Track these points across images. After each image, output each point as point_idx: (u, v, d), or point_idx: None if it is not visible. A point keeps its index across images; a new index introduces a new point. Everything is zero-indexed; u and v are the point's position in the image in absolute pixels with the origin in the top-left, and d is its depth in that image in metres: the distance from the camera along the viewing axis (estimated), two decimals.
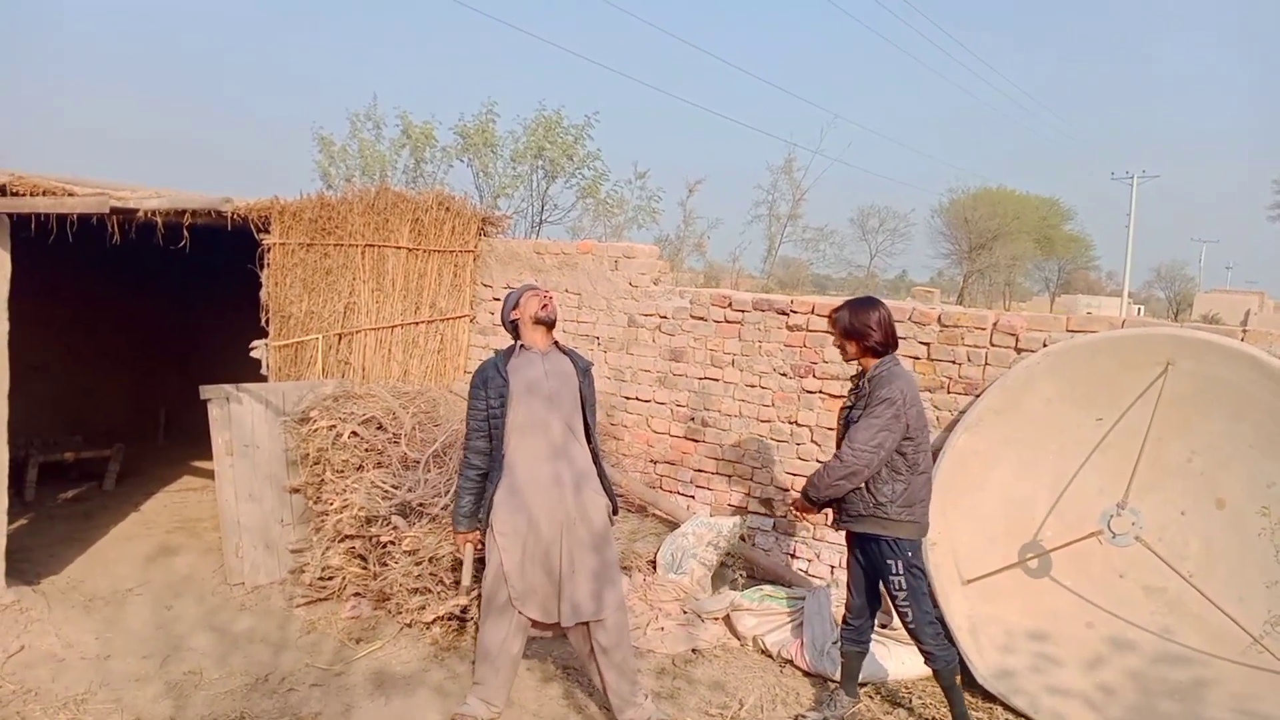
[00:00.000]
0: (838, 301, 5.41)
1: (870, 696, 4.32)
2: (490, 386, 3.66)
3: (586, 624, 3.65)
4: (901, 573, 3.74)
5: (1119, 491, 4.32)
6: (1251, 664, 3.99)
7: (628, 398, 6.39)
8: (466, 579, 3.95)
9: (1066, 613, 4.49)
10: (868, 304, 3.89)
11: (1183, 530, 4.33)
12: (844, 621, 4.06)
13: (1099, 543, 4.38)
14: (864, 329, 3.79)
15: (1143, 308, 45.44)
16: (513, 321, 3.80)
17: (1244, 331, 4.33)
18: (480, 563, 3.86)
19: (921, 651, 3.82)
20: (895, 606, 3.82)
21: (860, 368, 3.90)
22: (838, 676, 4.28)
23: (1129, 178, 40.87)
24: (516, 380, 3.65)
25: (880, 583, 3.87)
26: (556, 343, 3.82)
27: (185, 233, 5.71)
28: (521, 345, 3.76)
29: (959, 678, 3.89)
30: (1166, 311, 49.29)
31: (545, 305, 3.74)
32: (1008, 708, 4.25)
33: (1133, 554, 4.36)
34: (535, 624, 3.71)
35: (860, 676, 4.30)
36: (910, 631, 3.82)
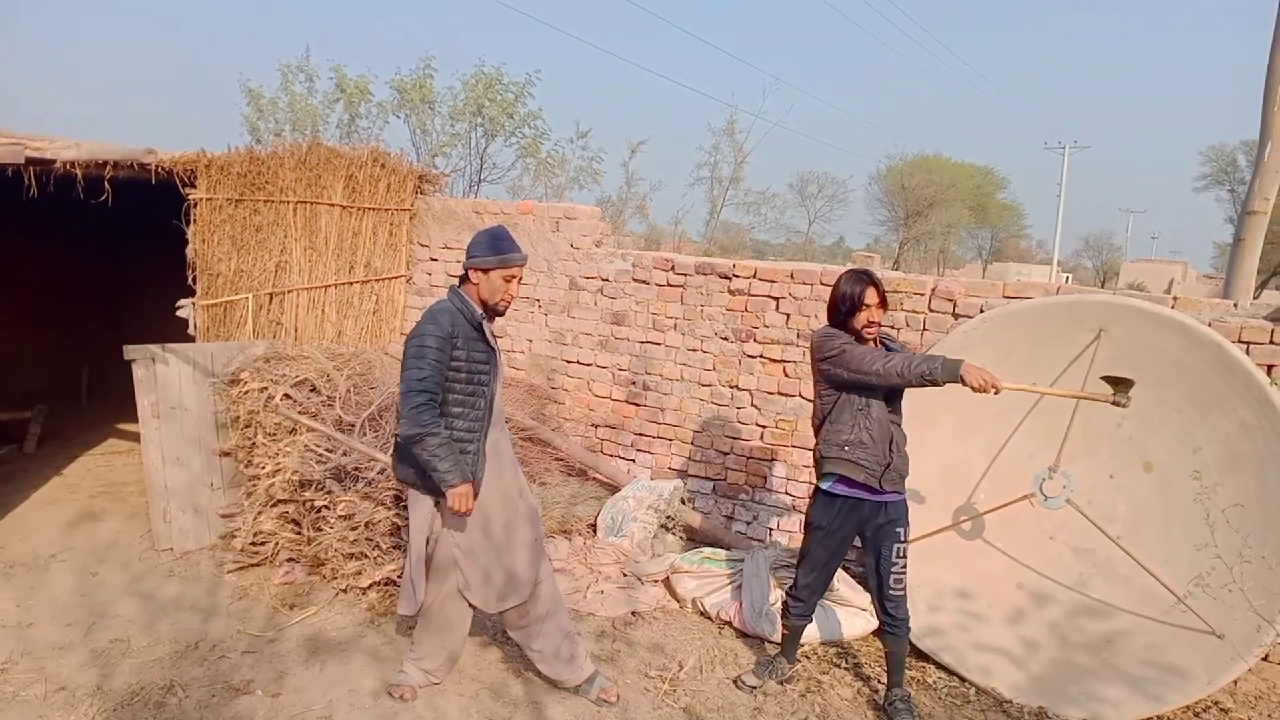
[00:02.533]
0: (782, 267, 5.42)
1: (807, 657, 4.38)
2: (465, 347, 3.36)
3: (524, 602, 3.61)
4: (907, 539, 3.79)
5: (1051, 456, 4.41)
6: (1174, 623, 4.12)
7: (568, 361, 6.33)
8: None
9: (998, 573, 4.60)
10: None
11: (1111, 493, 4.45)
12: (793, 597, 4.00)
13: (1031, 505, 4.47)
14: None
15: (1070, 276, 46.46)
16: (480, 269, 3.41)
17: (1174, 299, 4.44)
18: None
19: (893, 620, 3.82)
20: (893, 572, 3.76)
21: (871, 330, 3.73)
22: (776, 638, 4.32)
23: (1061, 148, 41.73)
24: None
25: (882, 550, 3.77)
26: None
27: (107, 186, 5.49)
28: (483, 317, 3.44)
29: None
30: (1093, 280, 50.49)
31: (506, 299, 3.46)
32: (939, 665, 4.34)
33: (1063, 516, 4.47)
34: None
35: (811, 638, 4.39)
36: (895, 599, 3.79)
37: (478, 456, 3.43)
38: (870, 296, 3.65)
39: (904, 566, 3.79)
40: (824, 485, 3.82)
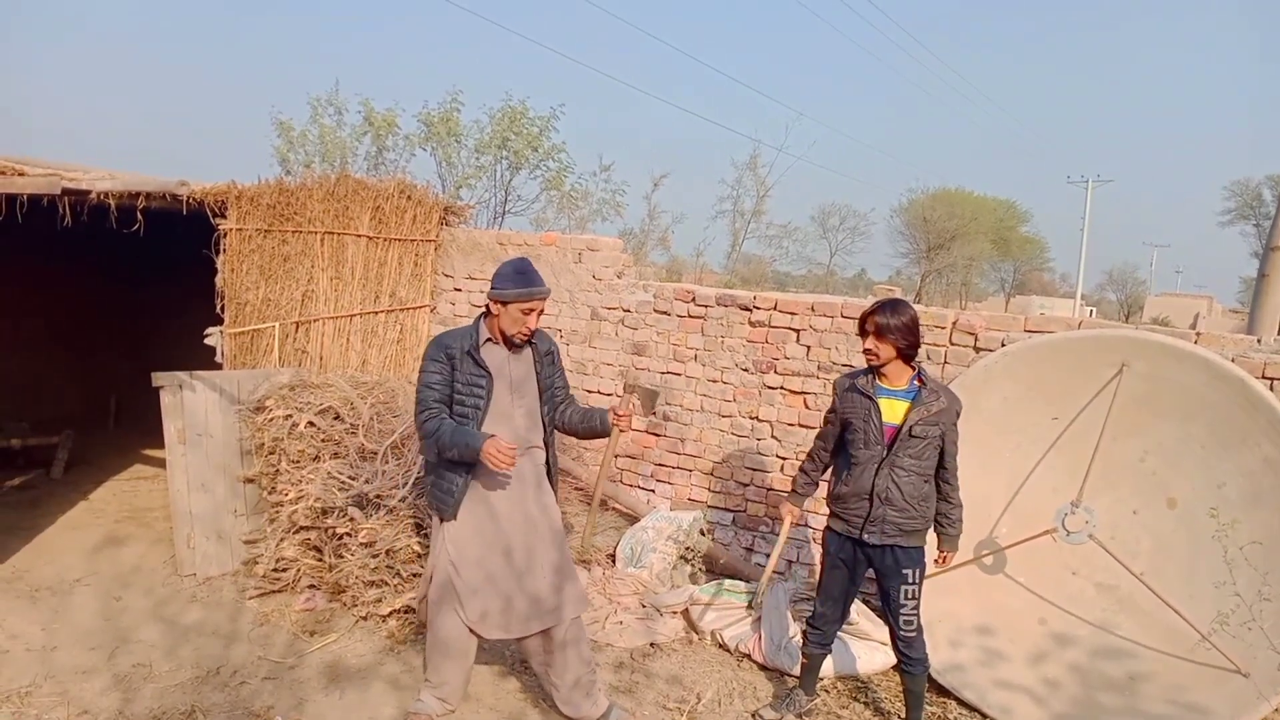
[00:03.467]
0: (803, 299, 5.44)
1: (826, 691, 4.35)
2: (461, 370, 3.43)
3: (547, 629, 3.58)
4: (918, 581, 3.74)
5: (1073, 490, 4.39)
6: (1197, 661, 4.07)
7: (589, 391, 6.36)
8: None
9: (1019, 609, 4.56)
10: (903, 305, 3.71)
11: (1135, 529, 4.41)
12: (811, 625, 4.00)
13: (1053, 540, 4.44)
14: (910, 330, 3.64)
15: (1094, 309, 46.27)
16: (499, 301, 3.44)
17: (1197, 335, 4.42)
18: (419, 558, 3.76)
19: (908, 659, 3.80)
20: (901, 614, 3.74)
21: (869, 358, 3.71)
22: (795, 671, 4.30)
23: (1084, 181, 41.64)
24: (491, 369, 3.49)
25: (889, 591, 3.76)
26: None
27: (139, 216, 5.60)
28: (489, 339, 3.51)
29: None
30: (1117, 314, 50.23)
31: (524, 333, 3.47)
32: (960, 701, 4.30)
33: (1086, 552, 4.43)
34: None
35: (828, 672, 4.36)
36: (908, 639, 3.77)
37: (470, 473, 3.47)
38: (864, 328, 3.70)
39: (914, 608, 3.75)
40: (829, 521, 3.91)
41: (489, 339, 3.52)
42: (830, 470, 3.95)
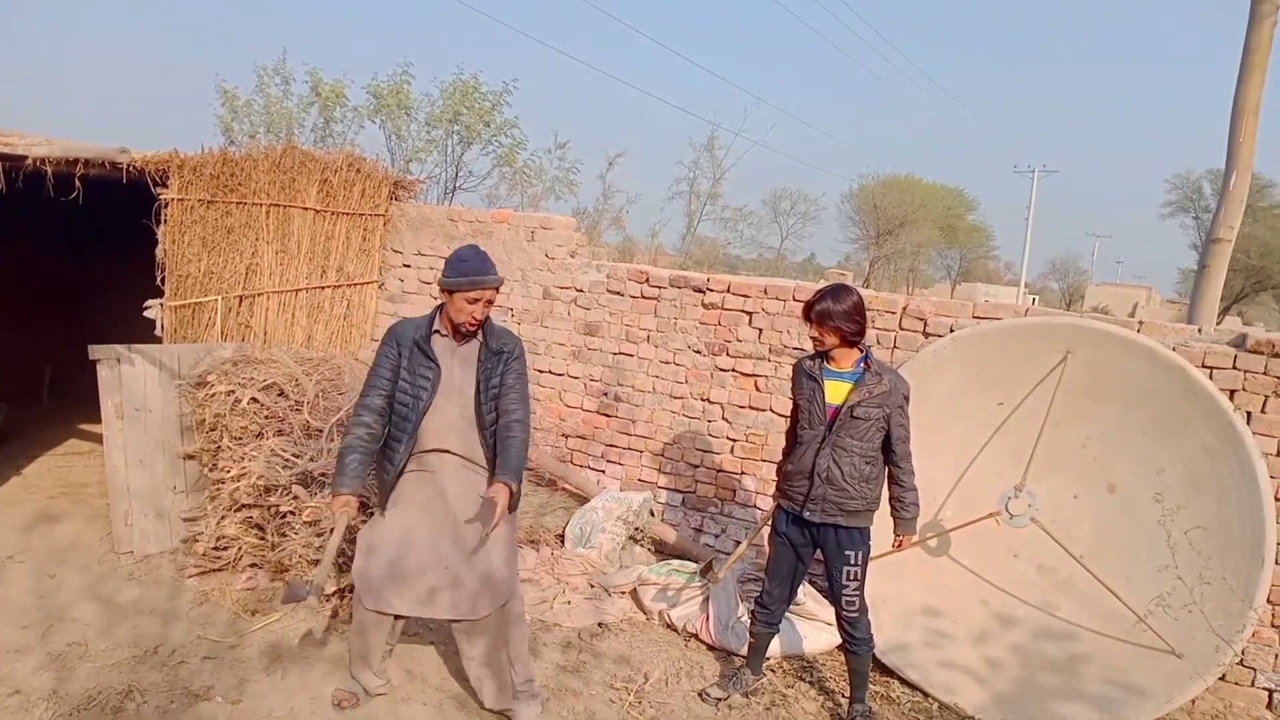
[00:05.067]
0: (756, 282, 5.45)
1: (772, 670, 4.39)
2: (410, 360, 3.39)
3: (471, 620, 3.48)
4: (860, 563, 3.79)
5: (1017, 474, 4.46)
6: (1134, 642, 4.17)
7: (541, 371, 6.32)
8: (328, 562, 3.29)
9: (963, 590, 4.64)
10: (845, 291, 3.74)
11: (1076, 513, 4.50)
12: (760, 605, 4.04)
13: (996, 523, 4.51)
14: (853, 315, 3.68)
15: (1037, 298, 47.08)
16: (445, 290, 3.37)
17: (1140, 324, 4.51)
18: (352, 543, 3.66)
19: (852, 639, 3.86)
20: (843, 595, 3.80)
21: (824, 352, 3.76)
22: (743, 651, 4.33)
23: (1030, 171, 42.32)
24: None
25: (832, 572, 3.83)
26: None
27: (77, 184, 5.42)
28: (438, 330, 3.45)
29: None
30: (1059, 302, 51.13)
31: (470, 323, 3.38)
32: (903, 681, 4.37)
33: (1028, 535, 4.52)
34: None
35: (775, 652, 4.41)
36: (851, 620, 3.83)
37: (399, 462, 3.44)
38: (808, 315, 3.75)
39: (856, 589, 3.81)
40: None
41: (438, 330, 3.46)
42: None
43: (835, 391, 3.73)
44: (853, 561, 3.79)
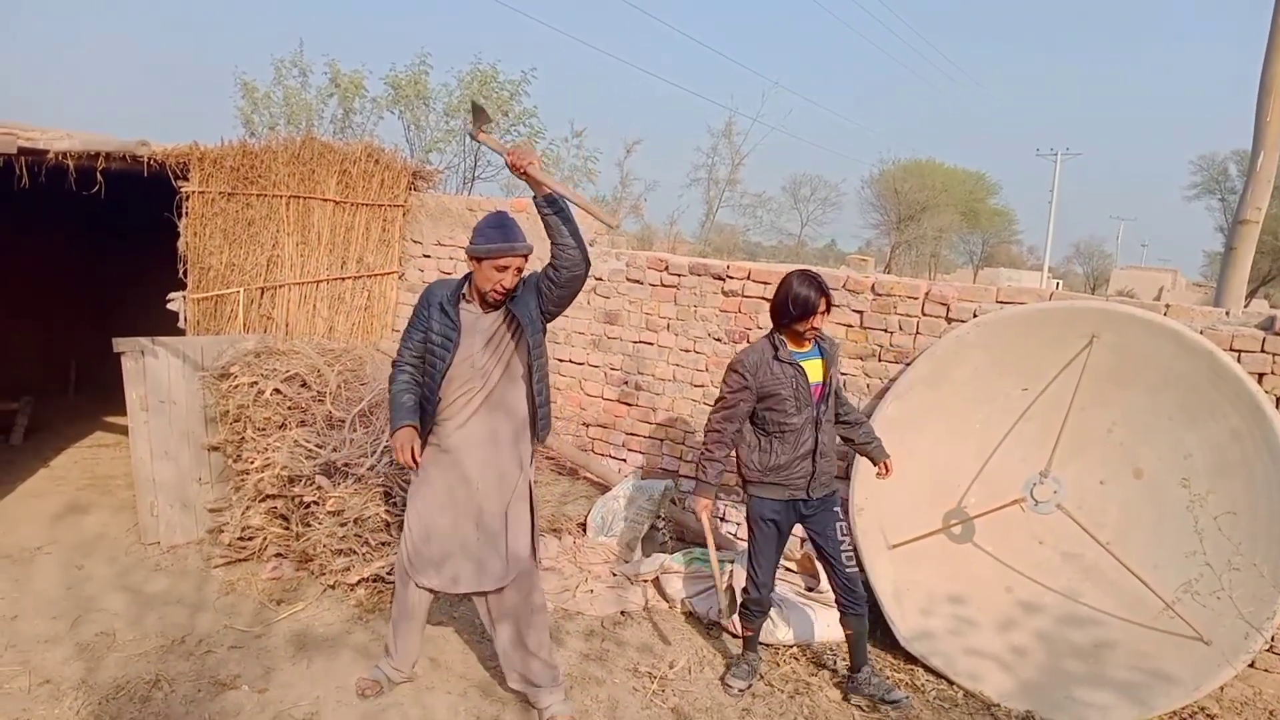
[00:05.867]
0: (776, 268, 5.42)
1: (796, 659, 4.38)
2: (436, 321, 3.37)
3: (500, 589, 3.46)
4: (850, 532, 3.90)
5: (1042, 460, 4.42)
6: (1161, 629, 4.14)
7: (561, 360, 6.32)
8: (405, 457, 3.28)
9: (987, 578, 4.60)
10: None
11: (1102, 499, 4.46)
12: (753, 601, 4.03)
13: (1021, 510, 4.48)
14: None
15: (1061, 282, 46.73)
16: (473, 258, 3.33)
17: (1166, 307, 4.45)
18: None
19: (851, 599, 3.87)
20: (842, 550, 3.86)
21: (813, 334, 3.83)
22: (771, 641, 4.35)
23: (1053, 154, 41.87)
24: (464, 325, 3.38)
25: (827, 534, 3.88)
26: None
27: (99, 177, 5.45)
28: (466, 296, 3.42)
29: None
30: (1084, 286, 50.73)
31: (498, 291, 3.34)
32: (927, 668, 4.35)
33: (1053, 521, 4.48)
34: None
35: (791, 639, 4.43)
36: (850, 576, 3.86)
37: (430, 425, 3.43)
38: (823, 305, 3.72)
39: (851, 543, 3.93)
40: None
41: (466, 296, 3.43)
42: (748, 449, 3.91)
43: (813, 371, 3.83)
44: (841, 517, 3.92)
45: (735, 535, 5.58)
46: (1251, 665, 4.25)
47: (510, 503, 3.48)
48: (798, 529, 4.07)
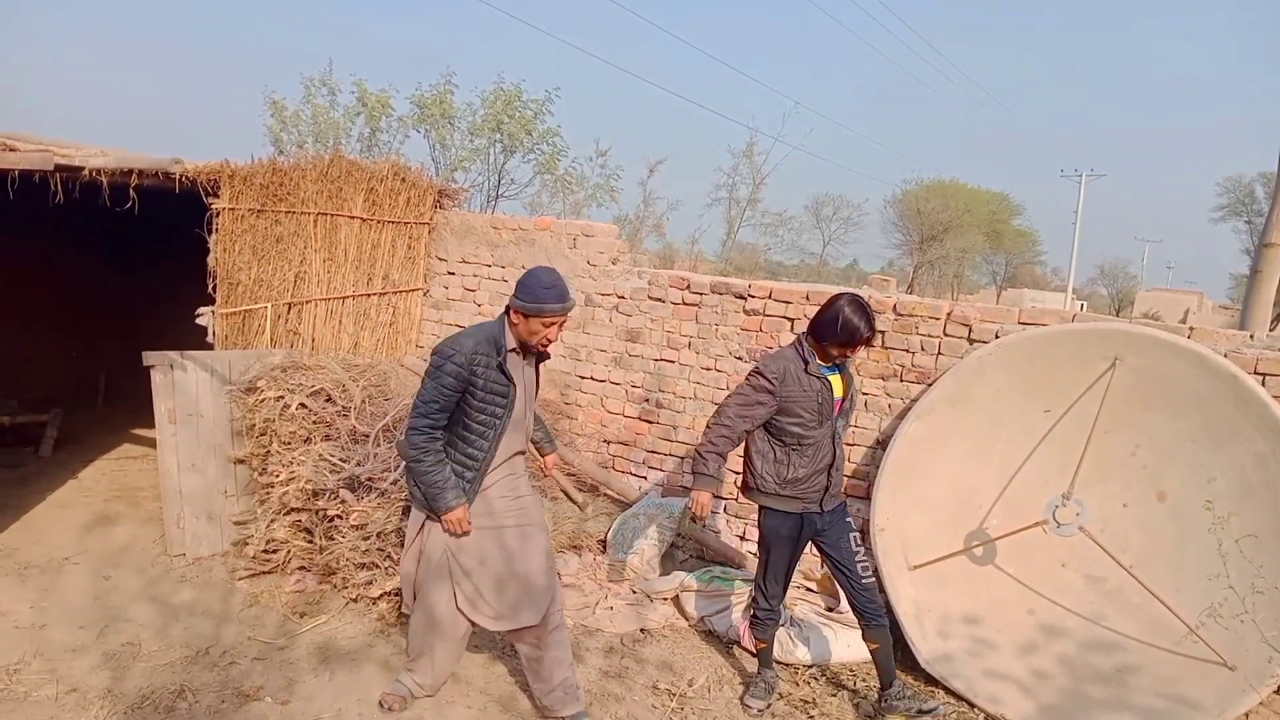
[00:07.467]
0: (798, 288, 5.44)
1: (815, 679, 4.37)
2: (485, 380, 3.34)
3: (531, 626, 3.52)
4: (864, 543, 3.95)
5: (1064, 482, 4.41)
6: (1184, 653, 4.10)
7: (582, 377, 6.36)
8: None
9: (1009, 600, 4.58)
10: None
11: (1125, 522, 4.43)
12: (765, 613, 4.04)
13: (1043, 532, 4.46)
14: None
15: (1085, 304, 46.25)
16: (519, 312, 3.35)
17: (1190, 329, 4.43)
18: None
19: (870, 611, 3.86)
20: (858, 561, 3.87)
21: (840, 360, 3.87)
22: (790, 660, 4.35)
23: (1077, 175, 41.73)
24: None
25: (840, 545, 3.90)
26: None
27: (132, 194, 5.56)
28: (510, 349, 3.40)
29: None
30: (1108, 308, 50.26)
31: (544, 344, 3.45)
32: (948, 690, 4.32)
33: (1075, 544, 4.46)
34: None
35: (809, 659, 4.42)
36: (869, 587, 3.87)
37: (476, 481, 3.42)
38: (868, 337, 3.76)
39: (867, 553, 3.96)
40: None
41: (512, 348, 3.42)
42: (764, 460, 3.90)
43: (837, 385, 3.87)
44: (854, 528, 3.95)
45: (755, 554, 5.57)
46: (1277, 691, 4.20)
47: (531, 535, 3.56)
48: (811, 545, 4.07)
